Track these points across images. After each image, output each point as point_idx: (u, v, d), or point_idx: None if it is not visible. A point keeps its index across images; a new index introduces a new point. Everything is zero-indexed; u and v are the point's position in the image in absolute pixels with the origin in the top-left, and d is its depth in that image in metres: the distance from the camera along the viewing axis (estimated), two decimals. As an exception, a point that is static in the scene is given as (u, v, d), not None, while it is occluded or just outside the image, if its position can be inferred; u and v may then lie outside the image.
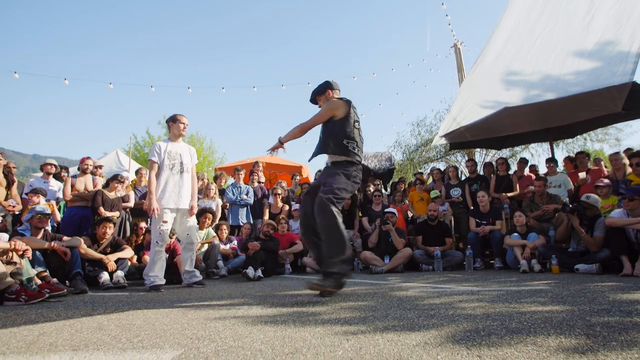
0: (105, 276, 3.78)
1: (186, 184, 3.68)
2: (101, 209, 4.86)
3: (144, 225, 5.20)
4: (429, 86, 16.49)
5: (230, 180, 7.38)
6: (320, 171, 6.47)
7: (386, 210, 5.30)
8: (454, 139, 6.82)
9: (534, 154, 14.69)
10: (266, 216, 6.09)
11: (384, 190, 7.10)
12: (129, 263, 4.27)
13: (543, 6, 7.03)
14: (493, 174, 6.24)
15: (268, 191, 6.66)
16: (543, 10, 6.95)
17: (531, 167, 6.72)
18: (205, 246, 5.05)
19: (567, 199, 5.31)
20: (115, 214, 4.99)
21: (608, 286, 2.69)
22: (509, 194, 5.80)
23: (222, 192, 6.34)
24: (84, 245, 3.85)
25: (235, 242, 5.62)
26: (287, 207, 6.22)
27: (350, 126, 2.72)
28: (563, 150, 14.11)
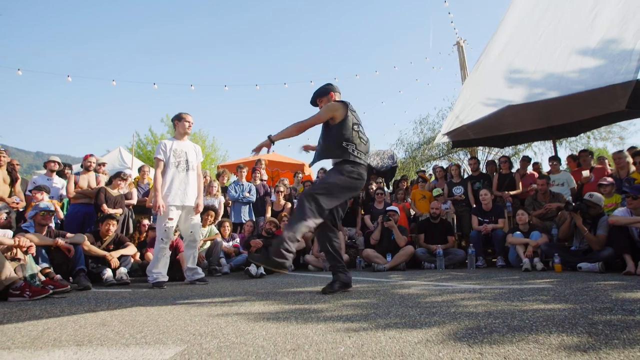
0: (108, 273, 3.80)
1: (192, 182, 3.70)
2: (104, 206, 4.88)
3: (146, 222, 5.23)
4: (431, 84, 16.43)
5: (233, 178, 7.40)
6: (324, 169, 6.48)
7: (388, 208, 5.30)
8: (456, 137, 6.80)
9: (537, 152, 14.61)
10: (268, 214, 6.10)
11: (386, 188, 7.08)
12: (132, 260, 4.29)
13: (546, 4, 6.98)
14: (496, 172, 6.22)
15: (270, 189, 6.68)
16: (546, 8, 6.90)
17: (535, 165, 6.70)
18: (208, 243, 5.07)
19: (570, 197, 5.30)
20: (118, 211, 5.01)
21: (611, 285, 2.68)
22: (512, 192, 5.78)
23: (225, 190, 6.35)
24: (87, 242, 3.87)
25: (237, 240, 5.64)
26: (290, 205, 6.23)
27: (348, 129, 2.71)
28: (566, 149, 14.02)
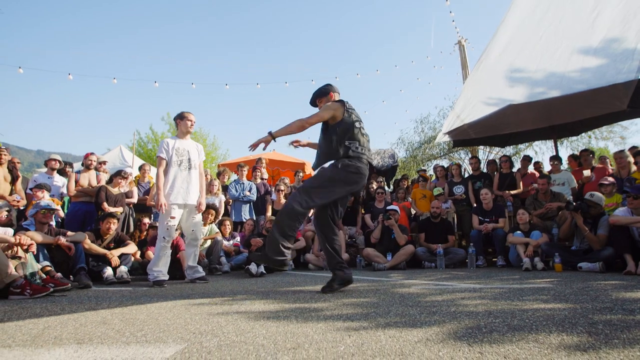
0: (108, 271, 3.81)
1: (194, 180, 3.71)
2: (105, 205, 4.87)
3: (147, 221, 5.23)
4: (432, 83, 16.35)
5: (233, 177, 7.39)
6: (324, 168, 6.46)
7: (388, 207, 5.30)
8: (457, 136, 6.78)
9: (538, 152, 14.57)
10: (269, 212, 6.10)
11: (386, 187, 7.08)
12: (133, 258, 4.29)
13: (548, 3, 6.96)
14: (496, 172, 6.20)
15: (271, 188, 6.68)
16: (548, 7, 6.88)
17: (536, 164, 6.68)
18: (208, 242, 5.07)
19: (571, 197, 5.29)
20: (119, 210, 5.00)
21: (611, 284, 2.68)
22: (512, 192, 5.77)
23: (225, 189, 6.34)
24: (87, 241, 3.87)
25: (238, 239, 5.64)
26: (290, 204, 6.23)
27: (350, 127, 2.71)
28: (567, 148, 13.97)
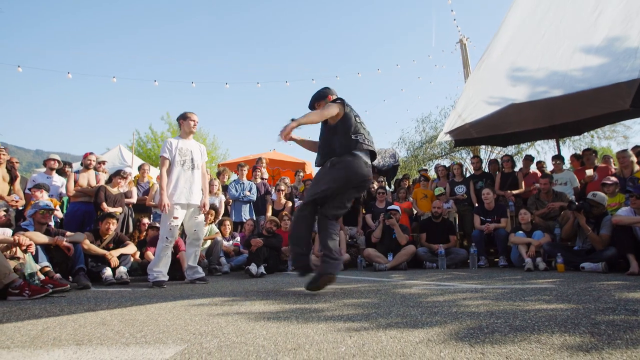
0: (108, 272, 3.80)
1: (197, 180, 3.72)
2: (104, 205, 4.85)
3: (146, 221, 5.21)
4: (434, 82, 16.33)
5: (233, 177, 7.38)
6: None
7: (389, 207, 5.28)
8: (459, 135, 6.76)
9: (540, 151, 14.54)
10: (269, 213, 6.09)
11: (387, 187, 7.06)
12: (132, 259, 4.28)
13: (549, 1, 6.93)
14: (498, 171, 6.19)
15: (271, 187, 6.67)
16: (550, 6, 6.85)
17: (539, 164, 6.66)
18: (208, 242, 5.06)
19: (574, 196, 5.26)
20: (118, 210, 4.98)
21: (614, 285, 2.67)
22: (514, 192, 5.75)
23: (225, 189, 6.33)
24: (87, 241, 3.86)
25: (238, 239, 5.63)
26: (290, 204, 6.21)
27: (353, 122, 2.78)
28: (570, 148, 13.94)
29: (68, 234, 3.76)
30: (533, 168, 6.38)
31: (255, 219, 6.06)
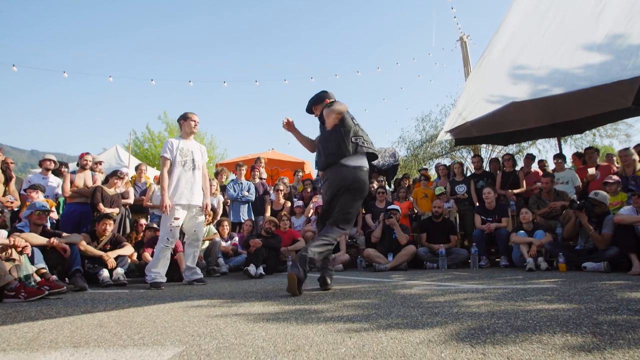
0: (105, 273, 3.77)
1: (198, 181, 3.72)
2: (100, 206, 4.81)
3: (143, 222, 5.17)
4: (434, 81, 16.38)
5: (231, 177, 7.34)
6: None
7: (389, 207, 5.26)
8: (459, 134, 6.73)
9: (542, 150, 14.51)
10: (268, 213, 6.07)
11: (387, 186, 7.03)
12: (129, 260, 4.25)
13: (550, -1, 6.89)
14: (499, 170, 6.17)
15: (270, 187, 6.64)
16: (551, 3, 6.81)
17: (540, 162, 6.64)
18: (206, 243, 5.02)
19: (575, 195, 5.24)
20: (115, 211, 4.94)
21: (616, 284, 2.66)
22: (516, 191, 5.73)
23: (223, 189, 6.29)
24: (83, 242, 3.83)
25: (236, 239, 5.60)
26: (289, 204, 6.20)
27: (351, 124, 2.81)
28: (571, 146, 13.90)
29: (64, 235, 3.74)
30: (534, 167, 6.37)
31: (253, 219, 6.03)
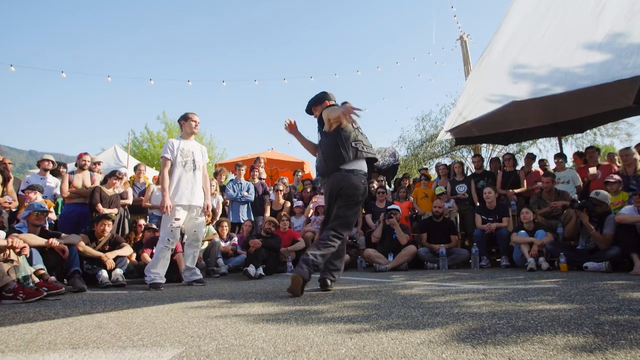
0: (103, 274, 3.75)
1: (198, 182, 3.71)
2: (99, 206, 4.78)
3: (142, 222, 5.15)
4: (434, 80, 16.37)
5: (230, 177, 7.31)
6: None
7: (389, 207, 5.25)
8: (459, 134, 6.71)
9: (542, 150, 14.50)
10: (267, 213, 6.05)
11: (387, 186, 7.02)
12: (128, 261, 4.23)
13: (551, -3, 6.87)
14: (500, 170, 6.15)
15: (269, 187, 6.62)
16: (551, 2, 6.79)
17: (540, 162, 6.62)
18: (206, 244, 4.99)
19: (576, 195, 5.22)
20: (114, 211, 4.92)
21: (618, 284, 2.65)
22: (516, 190, 5.72)
23: (223, 189, 6.24)
24: (82, 243, 3.81)
25: (235, 240, 5.58)
26: (289, 204, 6.18)
27: (351, 128, 2.80)
28: (572, 146, 13.87)
29: (63, 235, 3.71)
30: (535, 166, 6.36)
31: (253, 219, 6.01)
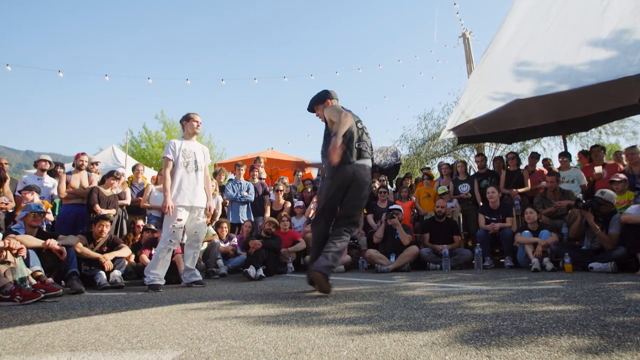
0: (102, 276, 3.72)
1: (200, 183, 3.71)
2: (97, 207, 4.75)
3: (141, 223, 5.13)
4: (436, 78, 16.26)
5: (229, 176, 7.27)
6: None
7: (391, 207, 5.22)
8: (462, 132, 6.68)
9: (546, 148, 14.37)
10: (267, 213, 6.02)
11: (389, 186, 6.99)
12: (127, 262, 4.20)
13: (555, -6, 6.81)
14: (503, 169, 6.10)
15: (269, 188, 6.60)
16: (555, -2, 6.74)
17: (545, 161, 6.57)
18: (205, 244, 4.94)
19: (581, 194, 5.17)
20: (112, 212, 4.89)
21: (623, 285, 2.62)
22: (520, 190, 5.67)
23: (222, 189, 6.19)
24: (80, 244, 3.79)
25: (235, 240, 5.55)
26: (289, 204, 6.14)
27: (354, 129, 2.78)
28: (577, 144, 13.76)
29: (60, 237, 3.68)
30: (539, 166, 6.31)
31: (253, 220, 5.98)
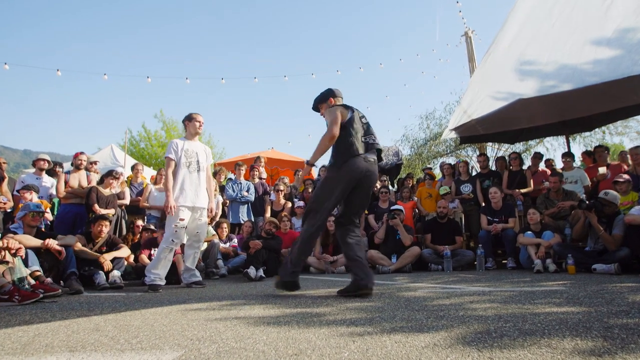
0: (101, 276, 3.70)
1: (202, 183, 3.71)
2: (96, 207, 4.73)
3: (140, 223, 5.12)
4: (438, 77, 16.16)
5: (229, 176, 7.25)
6: (325, 166, 6.34)
7: (393, 207, 5.20)
8: (464, 132, 6.65)
9: (549, 148, 14.31)
10: (268, 214, 6.00)
11: (390, 186, 6.96)
12: (126, 262, 4.18)
13: (559, -8, 6.76)
14: (506, 169, 6.07)
15: (270, 187, 6.58)
16: (558, -4, 6.69)
17: (547, 162, 6.53)
18: (205, 245, 4.91)
19: (584, 195, 5.14)
20: (111, 212, 4.87)
21: (627, 287, 2.60)
22: (523, 190, 5.64)
23: (222, 189, 6.17)
24: (78, 244, 3.78)
25: (235, 241, 5.54)
26: (290, 204, 6.13)
27: (359, 125, 2.80)
28: (580, 144, 13.69)
29: (59, 236, 3.67)
30: (542, 166, 6.27)
31: (253, 220, 5.96)
